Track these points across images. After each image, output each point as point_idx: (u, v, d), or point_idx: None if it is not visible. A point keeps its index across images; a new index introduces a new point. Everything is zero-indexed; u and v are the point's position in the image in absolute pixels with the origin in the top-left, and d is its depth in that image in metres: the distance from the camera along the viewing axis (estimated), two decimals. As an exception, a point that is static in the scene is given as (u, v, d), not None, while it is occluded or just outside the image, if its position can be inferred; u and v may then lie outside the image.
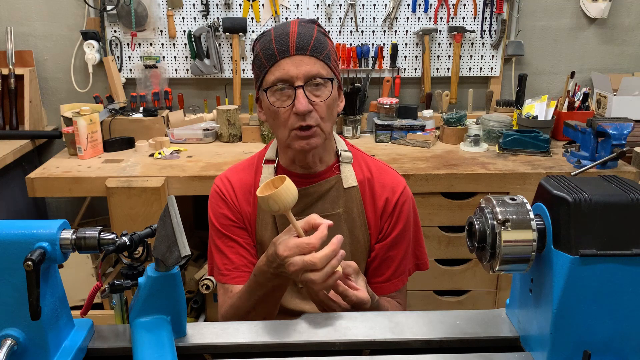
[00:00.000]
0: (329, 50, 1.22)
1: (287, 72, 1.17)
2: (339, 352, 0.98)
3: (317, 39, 1.20)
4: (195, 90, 2.90)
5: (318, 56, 1.19)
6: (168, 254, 0.90)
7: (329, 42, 1.24)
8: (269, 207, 1.03)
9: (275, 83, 1.19)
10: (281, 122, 1.21)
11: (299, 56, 1.18)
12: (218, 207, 1.34)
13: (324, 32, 1.25)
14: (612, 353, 0.85)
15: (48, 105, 2.87)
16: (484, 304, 2.39)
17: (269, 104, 1.21)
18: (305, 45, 1.18)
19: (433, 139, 2.58)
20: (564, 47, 2.89)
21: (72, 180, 2.18)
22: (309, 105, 1.17)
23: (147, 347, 0.90)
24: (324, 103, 1.20)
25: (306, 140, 1.21)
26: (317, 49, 1.19)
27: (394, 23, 2.78)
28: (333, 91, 1.22)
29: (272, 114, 1.22)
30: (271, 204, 1.02)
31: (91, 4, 2.69)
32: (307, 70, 1.17)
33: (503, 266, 0.85)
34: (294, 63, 1.17)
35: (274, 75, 1.19)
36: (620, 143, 2.14)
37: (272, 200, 1.01)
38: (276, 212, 1.03)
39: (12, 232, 0.85)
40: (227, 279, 1.32)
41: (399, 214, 1.32)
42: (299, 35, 1.18)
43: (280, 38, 1.19)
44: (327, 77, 1.20)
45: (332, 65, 1.23)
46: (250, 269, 1.32)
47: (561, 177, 0.89)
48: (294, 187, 1.04)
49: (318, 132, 1.21)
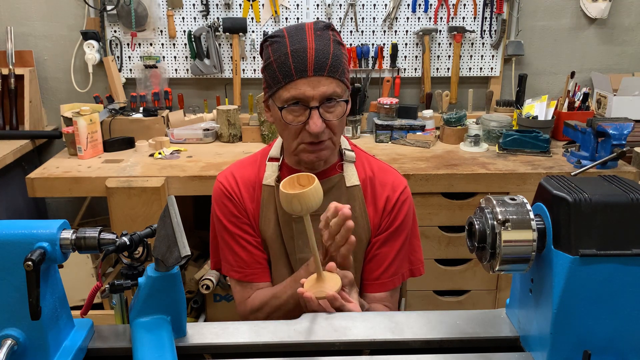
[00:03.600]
0: (344, 64, 1.21)
1: (304, 93, 1.16)
2: (339, 352, 0.98)
3: (335, 56, 1.18)
4: (195, 90, 2.90)
5: (335, 75, 1.18)
6: (168, 254, 0.90)
7: (343, 54, 1.22)
8: (290, 206, 0.97)
9: (289, 100, 1.18)
10: (291, 134, 1.22)
11: (316, 77, 1.16)
12: (224, 206, 1.34)
13: (340, 41, 1.23)
14: (612, 353, 0.85)
15: (48, 105, 2.87)
16: (484, 304, 2.39)
17: (281, 117, 1.20)
18: (323, 65, 1.16)
19: (433, 139, 2.57)
20: (564, 47, 2.89)
21: (72, 180, 2.18)
22: (323, 126, 1.18)
23: (147, 347, 0.90)
24: (337, 120, 1.20)
25: (316, 154, 1.22)
26: (334, 67, 1.18)
27: (394, 23, 2.78)
28: (347, 107, 1.23)
29: (283, 125, 1.22)
30: (294, 203, 0.97)
31: (91, 4, 2.69)
32: (324, 91, 1.17)
33: (503, 266, 0.85)
34: (310, 84, 1.16)
35: (289, 93, 1.17)
36: (620, 143, 2.14)
37: (297, 200, 0.96)
38: (297, 213, 0.99)
39: (12, 232, 0.85)
40: (242, 276, 1.33)
41: (398, 211, 1.32)
42: (317, 53, 1.16)
43: (297, 54, 1.16)
44: (343, 99, 1.20)
45: (346, 78, 1.23)
46: (263, 265, 1.35)
47: (561, 177, 0.89)
48: (321, 189, 0.99)
49: (329, 145, 1.23)
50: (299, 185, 1.00)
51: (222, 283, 2.38)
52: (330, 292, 1.06)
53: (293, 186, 1.00)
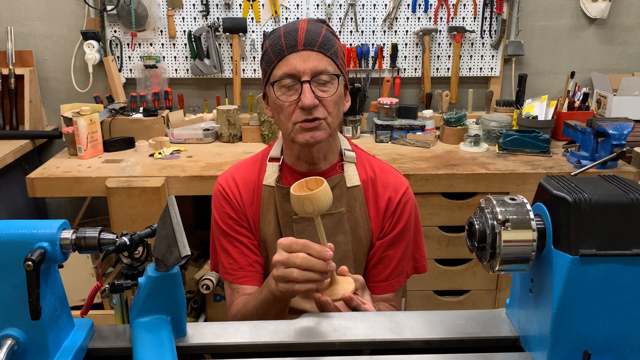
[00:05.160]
0: (336, 48, 1.24)
1: (295, 67, 1.18)
2: (339, 352, 0.98)
3: (326, 37, 1.21)
4: (195, 90, 2.90)
5: (325, 52, 1.20)
6: (168, 254, 0.90)
7: (337, 41, 1.25)
8: (302, 208, 1.01)
9: (282, 77, 1.19)
10: (286, 116, 1.22)
11: (306, 51, 1.19)
12: (222, 207, 1.34)
13: (333, 32, 1.26)
14: (612, 353, 0.85)
15: (48, 105, 2.87)
16: (484, 304, 2.39)
17: (275, 97, 1.21)
18: (314, 41, 1.19)
19: (433, 139, 2.57)
20: (564, 47, 2.89)
21: (72, 180, 2.18)
22: (314, 100, 1.18)
23: (147, 347, 0.90)
24: (330, 98, 1.21)
25: (310, 133, 1.21)
26: (325, 45, 1.20)
27: (394, 23, 2.78)
28: (339, 88, 1.23)
29: (278, 108, 1.23)
30: (307, 205, 1.00)
31: (91, 4, 2.69)
32: (314, 65, 1.18)
33: (503, 266, 0.85)
34: (301, 58, 1.18)
35: (281, 70, 1.20)
36: (620, 143, 2.14)
37: (309, 202, 0.99)
38: (309, 214, 1.01)
39: (12, 232, 0.85)
40: (234, 279, 1.33)
41: (401, 213, 1.32)
42: (307, 32, 1.20)
43: (289, 34, 1.20)
44: (334, 74, 1.21)
45: (339, 63, 1.24)
46: (255, 269, 1.34)
47: (561, 177, 0.89)
48: (330, 191, 1.02)
49: (324, 126, 1.22)
50: (307, 189, 1.03)
51: (222, 283, 2.38)
52: (346, 293, 1.08)
53: (303, 190, 1.03)
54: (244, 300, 1.28)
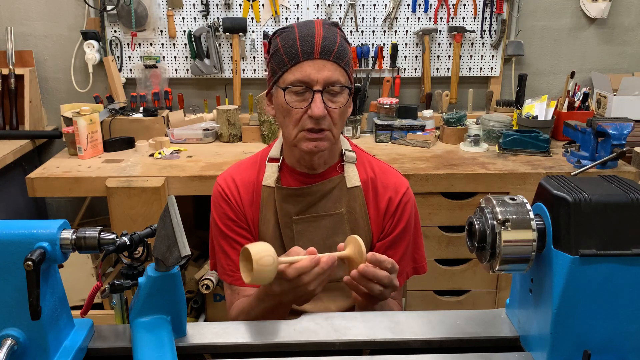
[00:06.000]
0: (349, 57, 1.23)
1: (308, 75, 1.17)
2: (338, 352, 0.98)
3: (341, 45, 1.20)
4: (195, 90, 2.90)
5: (340, 63, 1.20)
6: (168, 254, 0.90)
7: (349, 49, 1.25)
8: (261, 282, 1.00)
9: (294, 83, 1.19)
10: (292, 121, 1.21)
11: (322, 60, 1.18)
12: (221, 208, 1.34)
13: (345, 38, 1.25)
14: (612, 353, 0.85)
15: (48, 105, 2.87)
16: (484, 304, 2.39)
17: (284, 101, 1.20)
18: (330, 50, 1.18)
19: (433, 139, 2.58)
20: (564, 47, 2.89)
21: (72, 180, 2.18)
22: (324, 111, 1.18)
23: (147, 347, 0.90)
24: (338, 110, 1.21)
25: (315, 143, 1.21)
26: (340, 55, 1.20)
27: (394, 23, 2.78)
28: (348, 99, 1.23)
29: (285, 111, 1.22)
30: (259, 281, 0.98)
31: (91, 4, 2.69)
32: (328, 76, 1.18)
33: (503, 266, 0.85)
34: (316, 66, 1.17)
35: (294, 76, 1.18)
36: (620, 143, 2.14)
37: (255, 279, 0.97)
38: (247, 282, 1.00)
39: (12, 232, 0.85)
40: (233, 280, 1.33)
41: (401, 213, 1.32)
42: (324, 39, 1.18)
43: (305, 39, 1.18)
44: (345, 85, 1.21)
45: (350, 73, 1.24)
46: None
47: (561, 177, 0.89)
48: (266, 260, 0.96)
49: (328, 137, 1.22)
50: (247, 261, 0.99)
51: (222, 283, 2.37)
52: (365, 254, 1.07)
53: (247, 267, 1.00)
54: (243, 304, 1.28)
